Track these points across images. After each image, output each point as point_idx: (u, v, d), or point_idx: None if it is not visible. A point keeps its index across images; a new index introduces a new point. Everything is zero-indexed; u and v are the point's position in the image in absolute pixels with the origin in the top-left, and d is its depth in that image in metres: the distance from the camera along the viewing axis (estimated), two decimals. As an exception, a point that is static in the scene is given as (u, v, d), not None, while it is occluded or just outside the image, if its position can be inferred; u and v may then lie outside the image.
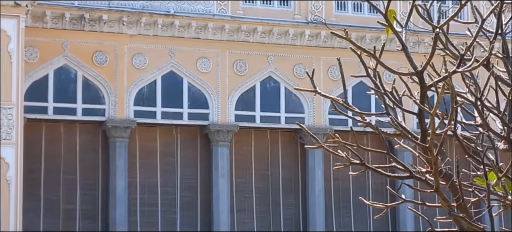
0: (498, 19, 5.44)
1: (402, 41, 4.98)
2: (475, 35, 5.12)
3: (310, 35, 35.02)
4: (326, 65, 35.01)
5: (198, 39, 33.98)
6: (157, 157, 34.00)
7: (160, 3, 33.72)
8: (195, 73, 33.98)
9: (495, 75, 5.75)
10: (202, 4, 34.30)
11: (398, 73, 5.15)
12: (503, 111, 5.62)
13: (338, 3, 36.14)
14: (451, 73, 5.00)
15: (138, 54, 33.30)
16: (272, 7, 35.30)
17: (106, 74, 32.85)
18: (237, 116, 34.44)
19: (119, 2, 33.26)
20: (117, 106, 32.88)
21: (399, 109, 5.44)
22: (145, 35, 33.37)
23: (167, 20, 33.48)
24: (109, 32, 32.96)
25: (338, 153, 5.55)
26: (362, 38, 35.29)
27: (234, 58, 34.47)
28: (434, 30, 4.96)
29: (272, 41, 34.81)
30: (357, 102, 26.46)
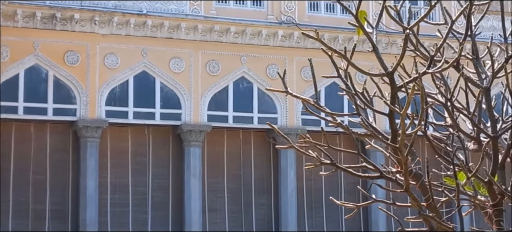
0: (468, 20, 5.48)
1: (373, 42, 5.01)
2: (445, 37, 5.16)
3: (283, 36, 35.08)
4: (299, 66, 35.08)
5: (171, 39, 33.91)
6: (129, 157, 33.88)
7: (132, 2, 33.61)
8: (167, 73, 33.90)
9: (465, 77, 5.80)
10: (174, 4, 34.24)
11: (369, 74, 5.17)
12: (472, 112, 5.67)
13: (311, 3, 36.22)
14: (421, 74, 5.03)
15: (110, 54, 33.17)
16: (245, 7, 35.31)
17: (77, 74, 32.68)
18: (210, 116, 34.41)
19: (91, 2, 33.11)
20: (89, 106, 32.73)
21: (370, 109, 5.47)
22: (117, 35, 33.24)
23: (139, 19, 33.38)
24: (81, 31, 32.80)
25: (309, 153, 5.56)
26: (335, 38, 35.39)
27: (207, 58, 34.44)
28: (405, 31, 4.99)
29: (245, 42, 34.82)
30: (330, 103, 26.50)
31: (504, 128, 5.66)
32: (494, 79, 5.71)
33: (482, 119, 5.81)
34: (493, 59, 5.72)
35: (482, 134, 5.73)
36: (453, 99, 5.65)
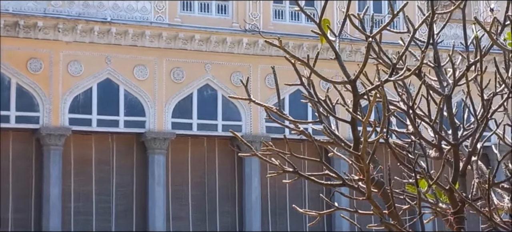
0: (430, 29, 5.52)
1: (336, 50, 5.03)
2: (407, 45, 5.20)
3: (248, 43, 35.12)
4: (263, 73, 35.14)
5: (135, 47, 33.82)
6: (92, 165, 33.69)
7: (96, 10, 33.47)
8: (131, 81, 33.78)
9: (427, 84, 5.84)
10: (139, 12, 34.14)
11: (331, 81, 5.19)
12: (434, 120, 5.71)
13: (276, 12, 36.31)
14: (383, 82, 5.07)
15: (73, 61, 32.98)
16: (210, 15, 35.31)
17: (40, 81, 32.45)
18: (174, 124, 34.34)
19: (55, 9, 32.91)
20: (52, 113, 32.50)
21: (333, 117, 5.49)
22: (81, 42, 33.07)
23: (103, 27, 33.24)
24: (44, 39, 32.59)
25: (273, 161, 5.57)
26: (299, 46, 35.51)
27: (171, 66, 34.37)
28: (367, 39, 5.02)
29: (210, 49, 34.82)
30: (294, 110, 26.67)
31: (465, 135, 5.71)
32: (455, 87, 5.76)
33: (443, 127, 5.85)
34: (454, 67, 5.77)
35: (443, 142, 5.78)
36: (415, 107, 5.68)
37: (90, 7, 33.45)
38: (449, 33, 36.66)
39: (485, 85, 5.66)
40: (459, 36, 34.49)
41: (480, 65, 5.55)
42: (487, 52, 5.66)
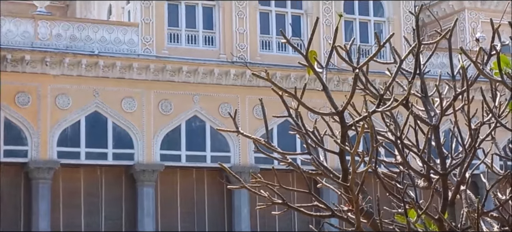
0: (416, 59, 5.55)
1: (323, 82, 5.05)
2: (393, 76, 5.22)
3: (235, 75, 35.16)
4: (251, 104, 35.15)
5: (123, 79, 33.81)
6: (81, 197, 33.55)
7: (84, 43, 33.49)
8: (120, 113, 33.74)
9: (414, 114, 5.86)
10: (126, 44, 34.18)
11: (319, 113, 5.20)
12: (422, 150, 5.72)
13: (263, 42, 36.40)
14: (371, 113, 5.08)
15: (61, 95, 32.94)
16: (197, 46, 35.36)
17: (28, 115, 32.37)
18: (163, 156, 34.27)
19: (42, 42, 32.92)
20: (40, 147, 32.40)
21: (321, 148, 5.50)
22: (69, 76, 33.05)
23: (91, 60, 33.24)
24: (32, 72, 32.56)
25: (262, 193, 5.57)
26: (287, 77, 35.58)
27: (160, 98, 34.36)
28: (354, 71, 5.04)
29: (198, 81, 34.84)
30: (283, 140, 26.62)
31: (453, 165, 5.72)
32: (442, 117, 5.78)
33: (431, 156, 5.86)
34: (441, 97, 5.79)
35: (432, 171, 5.78)
36: (403, 137, 5.70)
37: (78, 40, 33.46)
38: (435, 62, 36.82)
39: (472, 115, 5.68)
40: (446, 64, 34.63)
41: (467, 95, 5.57)
42: (473, 82, 5.69)
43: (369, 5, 38.41)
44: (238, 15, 35.79)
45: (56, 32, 33.33)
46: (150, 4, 34.48)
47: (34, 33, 33.07)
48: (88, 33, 33.76)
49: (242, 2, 35.90)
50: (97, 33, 33.88)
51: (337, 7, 37.18)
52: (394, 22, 38.22)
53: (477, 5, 43.14)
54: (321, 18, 36.42)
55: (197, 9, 35.63)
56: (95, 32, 33.88)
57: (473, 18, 42.92)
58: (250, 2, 36.06)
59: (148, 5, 34.47)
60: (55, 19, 34.19)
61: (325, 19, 36.83)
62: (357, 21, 38.04)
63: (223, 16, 35.69)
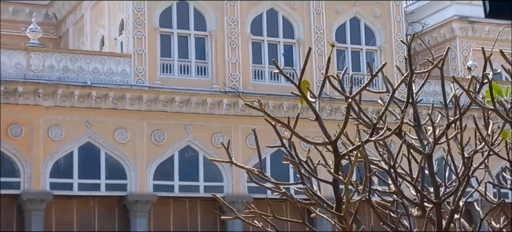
0: (409, 89, 5.57)
1: (316, 112, 5.05)
2: (386, 105, 5.23)
3: (228, 104, 35.17)
4: (244, 134, 35.12)
5: (116, 110, 33.78)
6: (74, 229, 33.40)
7: (77, 74, 33.49)
8: (112, 144, 33.68)
9: (407, 143, 5.86)
10: (119, 75, 34.19)
11: (312, 143, 5.21)
12: (416, 178, 5.72)
13: (255, 72, 36.45)
14: (364, 142, 5.08)
15: (54, 126, 32.88)
16: (190, 76, 35.39)
17: (21, 147, 32.29)
18: (156, 186, 34.18)
19: (35, 74, 32.91)
20: (33, 178, 32.30)
21: (314, 178, 5.50)
22: (62, 107, 33.00)
23: (84, 91, 33.23)
24: (25, 104, 32.51)
25: (255, 223, 5.56)
26: (279, 106, 35.60)
27: (152, 128, 34.32)
28: (347, 100, 5.05)
29: (190, 111, 34.83)
30: (276, 169, 26.57)
31: (447, 193, 5.72)
32: (435, 145, 5.78)
33: (425, 185, 5.86)
34: (434, 126, 5.80)
35: (425, 200, 5.78)
36: (396, 166, 5.70)
37: (70, 72, 33.47)
38: (428, 90, 36.91)
39: (465, 143, 5.69)
40: (438, 93, 34.71)
41: (460, 124, 5.59)
42: (466, 110, 5.71)
43: (361, 34, 38.54)
44: (231, 45, 35.88)
45: (49, 64, 33.34)
46: (142, 35, 34.55)
47: (27, 65, 33.08)
48: (81, 64, 33.79)
49: (234, 32, 36.00)
50: (90, 64, 33.91)
51: (329, 36, 37.30)
52: (386, 51, 38.35)
53: (468, 33, 43.33)
54: (313, 47, 36.52)
55: (189, 40, 35.71)
56: (88, 63, 33.90)
57: (465, 46, 43.09)
58: (242, 32, 36.16)
59: (141, 36, 34.53)
60: (48, 51, 34.22)
61: (317, 48, 36.93)
62: (349, 50, 38.15)
63: (216, 46, 35.76)
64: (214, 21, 35.88)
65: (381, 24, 38.63)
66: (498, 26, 41.02)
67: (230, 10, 36.08)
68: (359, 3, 38.31)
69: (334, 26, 37.81)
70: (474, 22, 42.69)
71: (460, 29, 43.28)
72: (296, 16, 37.29)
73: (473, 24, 42.95)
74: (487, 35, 42.77)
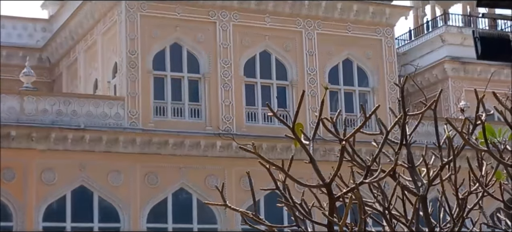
0: (402, 131, 5.58)
1: (310, 155, 5.06)
2: (380, 147, 5.24)
3: (222, 146, 35.13)
4: (238, 176, 35.04)
5: (109, 153, 33.72)
6: (68, 274, 33.19)
7: (70, 117, 33.48)
8: (106, 187, 33.58)
9: (402, 185, 5.87)
10: (113, 118, 34.19)
11: (306, 185, 5.21)
12: (410, 220, 5.72)
13: (249, 114, 36.49)
14: (358, 185, 5.09)
15: (47, 170, 32.80)
16: (183, 119, 35.41)
17: (14, 191, 32.16)
18: (149, 229, 34.03)
19: (28, 118, 32.89)
20: (26, 222, 32.14)
21: (309, 220, 5.49)
22: (55, 150, 32.94)
23: (77, 134, 33.19)
24: (18, 148, 32.44)
25: (250, 266, 5.54)
26: (273, 147, 35.58)
27: (146, 171, 34.24)
28: (341, 142, 5.06)
29: (184, 153, 34.78)
30: (270, 211, 26.55)
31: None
32: (430, 187, 5.79)
33: (420, 226, 5.86)
34: (428, 167, 5.81)
35: (420, 242, 5.78)
36: (391, 208, 5.70)
37: (64, 115, 33.46)
38: (421, 130, 36.93)
39: (459, 184, 5.70)
40: (432, 133, 34.67)
41: (453, 165, 5.60)
42: (459, 151, 5.72)
43: (353, 75, 38.67)
44: (224, 87, 35.95)
45: (42, 107, 33.34)
46: (136, 77, 34.61)
47: (20, 109, 33.06)
48: (74, 107, 33.79)
49: (227, 74, 36.09)
50: (83, 108, 33.91)
51: (322, 78, 37.41)
52: (379, 92, 38.46)
53: (460, 74, 43.52)
54: (306, 88, 36.62)
55: (183, 82, 35.79)
56: (81, 106, 33.91)
57: (457, 86, 43.27)
58: (235, 74, 36.26)
59: (134, 79, 34.59)
60: (41, 95, 34.24)
61: (310, 89, 37.03)
62: (342, 91, 38.25)
63: (209, 88, 35.83)
64: (207, 63, 35.99)
65: (373, 65, 38.79)
66: (489, 66, 41.24)
67: (223, 52, 36.21)
68: (352, 45, 38.49)
69: (327, 68, 37.94)
70: (466, 62, 42.91)
71: (452, 69, 43.47)
72: (289, 58, 37.43)
73: (465, 64, 43.16)
74: (479, 75, 42.96)
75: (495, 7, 8.94)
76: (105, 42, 36.92)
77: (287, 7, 37.46)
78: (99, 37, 37.38)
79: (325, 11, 38.10)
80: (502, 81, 39.05)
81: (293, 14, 37.59)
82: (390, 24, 39.37)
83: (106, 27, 36.67)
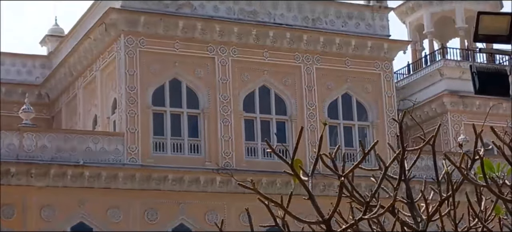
0: (401, 166, 5.59)
1: (309, 191, 5.07)
2: (379, 182, 5.25)
3: (221, 182, 35.08)
4: (238, 211, 34.94)
5: (109, 189, 33.66)
6: None
7: (69, 154, 33.45)
8: (105, 223, 33.48)
9: (401, 221, 5.87)
10: (112, 154, 34.16)
11: (305, 221, 5.21)
12: (410, 256, 5.71)
13: (248, 149, 36.47)
14: (357, 221, 5.09)
15: (46, 206, 32.73)
16: (183, 154, 35.38)
17: (13, 228, 32.07)
18: (149, 266, 33.88)
19: (27, 154, 32.88)
20: (25, 260, 32.01)
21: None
22: (54, 187, 32.89)
23: (76, 170, 33.16)
24: (17, 185, 32.40)
25: None
26: (272, 182, 35.53)
27: (145, 207, 34.16)
28: (340, 178, 5.07)
29: (183, 189, 34.72)
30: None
31: (441, 270, 5.71)
32: (429, 222, 5.79)
33: (420, 262, 5.84)
34: (427, 202, 5.82)
35: (420, 277, 5.77)
36: (390, 243, 5.70)
37: (63, 151, 33.45)
38: (420, 165, 36.86)
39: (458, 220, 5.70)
40: (431, 167, 34.72)
41: (452, 200, 5.60)
42: (458, 187, 5.73)
43: (353, 109, 38.70)
44: (223, 122, 35.98)
45: (41, 144, 33.34)
46: (135, 113, 34.63)
47: (19, 145, 33.06)
48: (74, 143, 33.78)
49: (227, 109, 36.13)
50: (83, 144, 33.90)
51: (321, 112, 37.44)
52: (378, 126, 38.48)
53: (459, 107, 43.56)
54: (305, 123, 36.65)
55: (182, 118, 35.80)
56: (80, 142, 33.90)
57: (456, 120, 43.30)
58: (235, 109, 36.29)
59: (134, 115, 34.61)
60: (40, 131, 34.25)
61: (309, 124, 37.06)
62: (341, 126, 38.27)
63: (208, 123, 35.85)
64: (206, 98, 36.04)
65: (372, 99, 38.84)
66: (488, 100, 41.29)
67: (223, 87, 36.27)
68: (351, 79, 38.57)
69: (326, 102, 38.00)
70: (464, 96, 42.96)
71: (451, 103, 43.53)
72: (288, 92, 37.49)
73: (463, 98, 43.22)
74: (478, 108, 43.01)
75: (492, 42, 8.99)
76: (104, 78, 36.99)
77: (285, 42, 37.59)
78: (98, 73, 37.46)
79: (324, 46, 38.22)
80: (500, 114, 39.08)
81: (292, 49, 37.70)
82: (388, 58, 39.48)
83: (105, 63, 36.75)
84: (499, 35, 8.16)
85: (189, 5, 36.34)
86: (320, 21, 38.53)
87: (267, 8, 37.70)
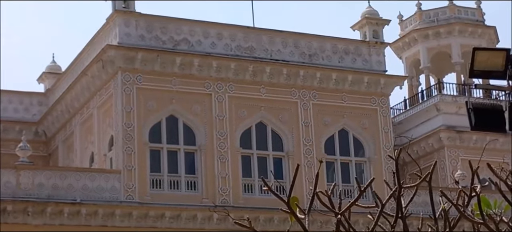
0: (398, 203, 5.59)
1: (305, 229, 5.06)
2: (376, 220, 5.24)
3: (218, 219, 34.96)
4: (235, 248, 34.83)
5: (106, 227, 33.54)
6: None
7: (66, 191, 33.37)
8: (102, 261, 33.33)
9: (398, 258, 5.85)
10: (109, 192, 34.08)
11: (303, 260, 5.19)
12: None
13: (246, 186, 36.39)
14: (354, 258, 5.07)
15: (43, 244, 32.58)
16: (180, 191, 35.29)
17: (10, 266, 31.92)
18: None
19: (24, 192, 32.79)
20: None
21: None
22: (51, 225, 32.77)
23: (73, 208, 33.05)
24: (14, 223, 32.28)
25: None
26: (270, 219, 35.41)
27: (142, 244, 34.02)
28: (336, 216, 5.06)
29: (181, 226, 34.60)
30: None
31: None
32: (426, 259, 5.77)
33: None
34: (424, 240, 5.80)
35: None
36: (388, 281, 5.67)
37: (60, 189, 33.36)
38: (417, 200, 36.79)
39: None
40: (428, 203, 34.57)
41: (449, 238, 5.58)
42: (455, 224, 5.71)
43: (349, 145, 38.67)
44: (220, 159, 35.93)
45: (38, 182, 33.26)
46: (132, 150, 34.58)
47: (16, 183, 32.97)
48: (70, 181, 33.70)
49: (223, 146, 36.09)
50: (79, 181, 33.82)
51: (318, 148, 37.41)
52: (375, 162, 38.44)
53: (456, 142, 43.57)
54: (302, 159, 36.62)
55: (179, 155, 35.75)
56: (77, 180, 33.82)
57: (453, 155, 43.29)
58: (231, 145, 36.26)
59: (131, 152, 34.55)
60: (37, 169, 34.19)
61: (306, 160, 37.01)
62: (338, 162, 38.22)
63: (205, 160, 35.80)
64: (203, 135, 36.01)
65: (369, 135, 38.84)
66: (485, 135, 41.30)
67: (219, 124, 36.27)
68: (347, 115, 38.60)
69: (323, 138, 37.98)
70: (461, 131, 42.99)
71: (448, 138, 43.55)
72: (285, 128, 37.49)
73: (460, 133, 43.24)
74: (475, 144, 43.02)
75: (487, 78, 9.02)
76: (101, 115, 36.98)
77: (282, 78, 37.65)
78: (95, 110, 37.46)
79: (320, 82, 38.27)
80: (497, 149, 39.03)
81: (289, 85, 37.76)
82: (385, 94, 39.53)
83: (102, 100, 36.76)
84: (494, 71, 8.19)
85: (186, 42, 36.44)
86: (316, 57, 38.63)
87: (264, 44, 37.81)
